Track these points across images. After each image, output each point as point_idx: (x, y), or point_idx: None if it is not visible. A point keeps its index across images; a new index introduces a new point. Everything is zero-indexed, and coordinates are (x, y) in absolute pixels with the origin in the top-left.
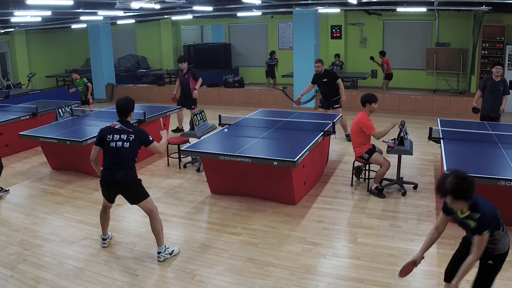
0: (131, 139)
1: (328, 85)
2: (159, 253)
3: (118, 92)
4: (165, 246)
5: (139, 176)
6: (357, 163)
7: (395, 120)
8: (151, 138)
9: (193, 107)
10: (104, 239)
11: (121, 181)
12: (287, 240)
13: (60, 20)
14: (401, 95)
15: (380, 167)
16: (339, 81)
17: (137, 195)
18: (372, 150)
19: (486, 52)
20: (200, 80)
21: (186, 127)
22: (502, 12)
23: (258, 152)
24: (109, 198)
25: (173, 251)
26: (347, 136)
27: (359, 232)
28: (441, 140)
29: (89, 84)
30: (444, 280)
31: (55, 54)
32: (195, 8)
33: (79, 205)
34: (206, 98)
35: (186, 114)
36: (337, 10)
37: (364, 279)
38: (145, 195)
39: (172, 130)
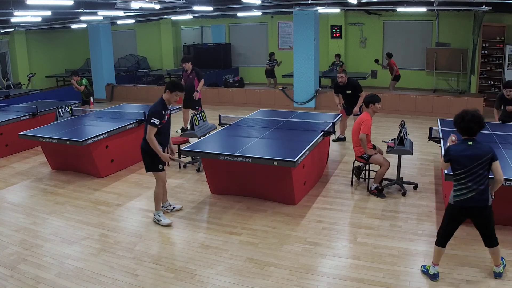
0: (147, 115)
1: (352, 97)
2: (154, 214)
3: (118, 92)
4: (159, 213)
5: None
6: (357, 163)
7: (375, 152)
8: (152, 120)
9: (197, 108)
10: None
11: (140, 149)
12: (287, 240)
13: (60, 20)
14: (401, 95)
15: (380, 167)
16: (362, 94)
17: (145, 165)
18: (372, 150)
19: (486, 52)
20: (203, 81)
21: None
22: (502, 12)
23: (258, 152)
24: None
25: (161, 221)
26: (339, 138)
27: (359, 232)
28: (441, 140)
29: (82, 86)
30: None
31: (55, 54)
32: (195, 8)
33: (79, 205)
34: (206, 98)
35: None
36: (337, 10)
37: (364, 279)
38: (153, 168)
39: (177, 131)
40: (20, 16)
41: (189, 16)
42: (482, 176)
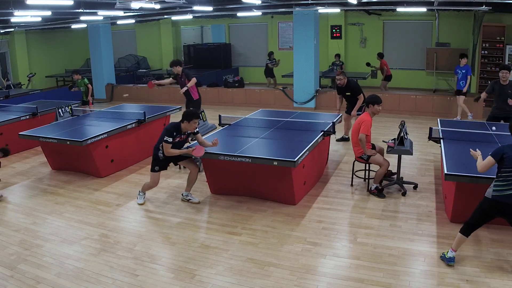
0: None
1: (352, 98)
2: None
3: (118, 92)
4: (139, 192)
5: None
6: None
7: (374, 153)
8: (164, 139)
9: (191, 109)
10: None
11: None
12: (287, 240)
13: (60, 20)
14: (401, 95)
15: (380, 167)
16: (360, 96)
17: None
18: (372, 150)
19: (486, 52)
20: (194, 80)
21: None
22: (502, 12)
23: (258, 152)
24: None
25: (137, 198)
26: (342, 138)
27: (359, 232)
28: (441, 140)
29: (89, 85)
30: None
31: (55, 54)
32: (195, 8)
33: (79, 205)
34: (206, 98)
35: None
36: (337, 10)
37: (364, 279)
38: (151, 168)
39: None
40: (20, 16)
41: (189, 16)
42: None
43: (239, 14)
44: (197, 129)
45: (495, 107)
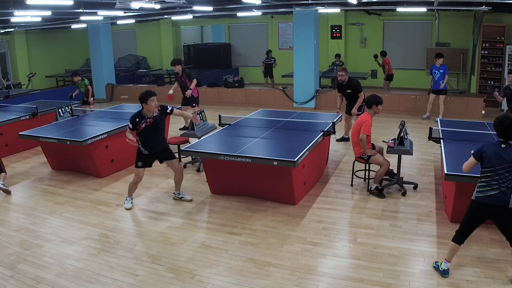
0: None
1: (352, 96)
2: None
3: (118, 92)
4: (126, 198)
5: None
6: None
7: (374, 153)
8: (128, 125)
9: (194, 105)
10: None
11: None
12: (287, 240)
13: (60, 20)
14: (401, 95)
15: (380, 167)
16: (361, 94)
17: None
18: (372, 150)
19: (486, 52)
20: (195, 81)
21: None
22: (502, 12)
23: (258, 152)
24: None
25: (124, 204)
26: (342, 138)
27: (359, 232)
28: (441, 140)
29: (89, 86)
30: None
31: (55, 54)
32: (195, 8)
33: (79, 205)
34: (206, 98)
35: None
36: (337, 10)
37: (364, 279)
38: (135, 164)
39: (180, 129)
40: (20, 16)
41: (189, 16)
42: (507, 179)
43: (239, 14)
44: (170, 108)
45: (508, 110)
